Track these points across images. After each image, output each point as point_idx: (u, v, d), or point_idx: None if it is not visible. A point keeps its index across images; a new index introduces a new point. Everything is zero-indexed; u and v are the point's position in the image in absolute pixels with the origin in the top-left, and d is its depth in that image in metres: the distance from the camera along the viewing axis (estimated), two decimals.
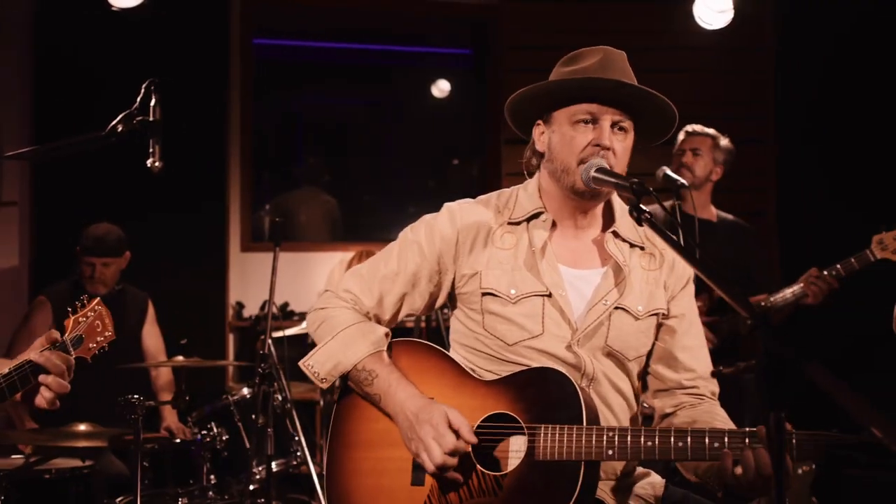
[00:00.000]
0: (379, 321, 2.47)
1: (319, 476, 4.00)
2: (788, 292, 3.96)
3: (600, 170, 2.22)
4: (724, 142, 4.32)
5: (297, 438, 4.10)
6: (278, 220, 3.75)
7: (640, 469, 2.41)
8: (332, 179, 7.17)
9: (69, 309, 2.40)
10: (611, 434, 2.10)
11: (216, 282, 5.89)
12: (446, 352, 2.43)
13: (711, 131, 4.32)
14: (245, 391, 4.13)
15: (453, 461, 2.17)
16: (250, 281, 5.97)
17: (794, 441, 1.94)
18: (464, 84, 7.47)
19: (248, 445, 4.02)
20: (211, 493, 3.93)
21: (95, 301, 2.42)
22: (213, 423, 4.01)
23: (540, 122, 2.40)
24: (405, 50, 7.39)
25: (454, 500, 2.22)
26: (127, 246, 4.59)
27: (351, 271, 2.54)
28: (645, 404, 2.49)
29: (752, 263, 4.34)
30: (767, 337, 1.44)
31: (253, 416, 4.04)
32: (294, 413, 4.07)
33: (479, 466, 2.20)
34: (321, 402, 4.63)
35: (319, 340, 2.42)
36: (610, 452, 2.09)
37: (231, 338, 5.93)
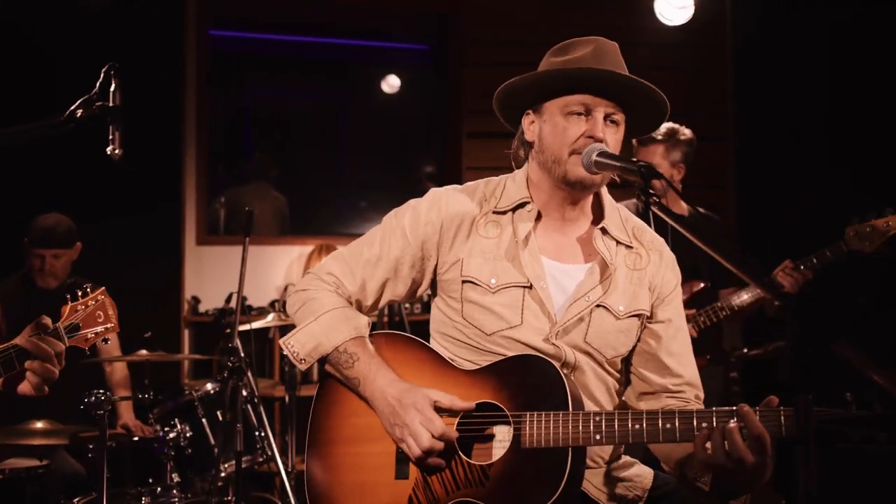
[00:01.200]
0: (360, 307, 2.43)
1: (287, 474, 3.92)
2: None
3: (602, 153, 2.17)
4: (683, 135, 4.15)
5: (262, 435, 4.01)
6: (249, 210, 3.66)
7: (626, 458, 2.40)
8: (282, 174, 7.09)
9: (68, 296, 2.28)
10: (597, 419, 2.08)
11: (171, 276, 5.76)
12: (426, 343, 2.40)
13: (661, 135, 4.11)
14: (209, 386, 4.03)
15: (441, 445, 2.14)
16: (206, 275, 5.86)
17: (782, 418, 1.93)
18: (421, 79, 7.44)
19: (213, 442, 3.91)
20: (175, 491, 3.82)
21: (100, 290, 2.29)
22: (176, 420, 3.90)
23: (530, 111, 2.36)
24: (364, 44, 7.32)
25: (440, 493, 2.18)
26: (77, 237, 4.45)
27: (333, 255, 2.49)
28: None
29: (705, 255, 4.30)
30: (797, 318, 1.43)
31: (218, 413, 3.94)
32: (262, 409, 3.98)
33: (463, 457, 2.17)
34: (286, 398, 4.53)
35: (300, 322, 2.38)
36: (597, 437, 2.07)
37: (186, 333, 5.80)
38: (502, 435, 2.17)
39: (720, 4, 6.22)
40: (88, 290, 2.29)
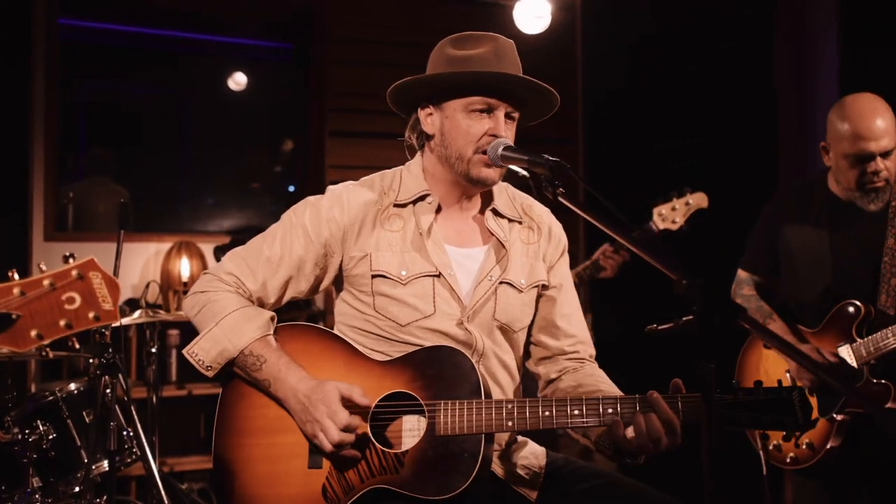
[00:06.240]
0: (262, 305, 2.43)
1: (161, 474, 3.83)
2: (588, 266, 4.26)
3: (508, 148, 2.29)
4: None
5: (131, 434, 3.90)
6: (124, 202, 3.54)
7: (520, 439, 2.52)
8: (125, 170, 6.86)
9: (10, 273, 1.64)
10: (510, 406, 2.18)
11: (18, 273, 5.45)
12: (336, 333, 2.43)
13: None
14: (72, 386, 3.86)
15: (350, 437, 2.19)
16: None
17: (680, 404, 2.11)
18: (275, 76, 7.39)
19: (79, 443, 3.76)
20: (37, 496, 3.65)
21: (79, 263, 1.60)
22: (38, 422, 3.72)
23: (428, 104, 2.43)
24: (219, 40, 7.18)
25: (354, 481, 2.24)
26: None
27: (230, 254, 2.48)
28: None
29: None
30: (703, 295, 1.60)
31: (84, 413, 3.79)
32: (133, 408, 3.87)
33: (378, 445, 2.23)
34: (152, 398, 4.42)
35: (201, 326, 2.36)
36: (510, 424, 2.18)
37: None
38: (416, 423, 2.24)
39: (571, 15, 6.53)
40: (70, 260, 1.64)
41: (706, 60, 5.67)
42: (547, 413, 2.18)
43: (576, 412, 2.17)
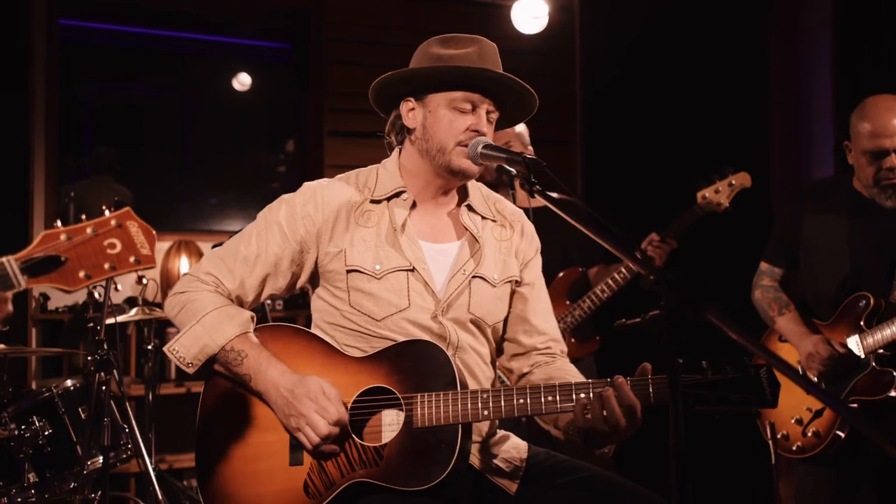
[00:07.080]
0: (241, 303, 2.46)
1: (154, 471, 3.87)
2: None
3: (488, 146, 2.34)
4: (520, 127, 4.24)
5: (127, 430, 3.94)
6: (118, 200, 3.56)
7: (501, 432, 2.55)
8: (128, 169, 6.91)
9: (56, 223, 1.80)
10: (485, 396, 2.22)
11: None
12: (313, 332, 2.46)
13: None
14: (69, 383, 3.90)
15: (337, 431, 2.22)
16: None
17: (651, 388, 2.14)
18: (275, 76, 7.43)
19: (75, 439, 3.80)
20: (33, 490, 3.69)
21: (119, 213, 1.74)
22: (34, 418, 3.76)
23: (410, 99, 2.47)
24: (219, 40, 7.23)
25: (335, 475, 2.27)
26: None
27: (208, 255, 2.52)
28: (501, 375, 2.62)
29: (572, 241, 4.22)
30: (669, 291, 1.63)
31: (80, 409, 3.83)
32: (127, 405, 3.91)
33: (357, 440, 2.26)
34: (149, 396, 4.46)
35: (182, 325, 2.38)
36: (486, 413, 2.21)
37: (34, 331, 5.56)
38: (394, 417, 2.27)
39: (569, 16, 6.55)
40: (107, 211, 1.77)
41: (703, 61, 5.69)
42: (521, 401, 2.21)
43: (549, 398, 2.20)
